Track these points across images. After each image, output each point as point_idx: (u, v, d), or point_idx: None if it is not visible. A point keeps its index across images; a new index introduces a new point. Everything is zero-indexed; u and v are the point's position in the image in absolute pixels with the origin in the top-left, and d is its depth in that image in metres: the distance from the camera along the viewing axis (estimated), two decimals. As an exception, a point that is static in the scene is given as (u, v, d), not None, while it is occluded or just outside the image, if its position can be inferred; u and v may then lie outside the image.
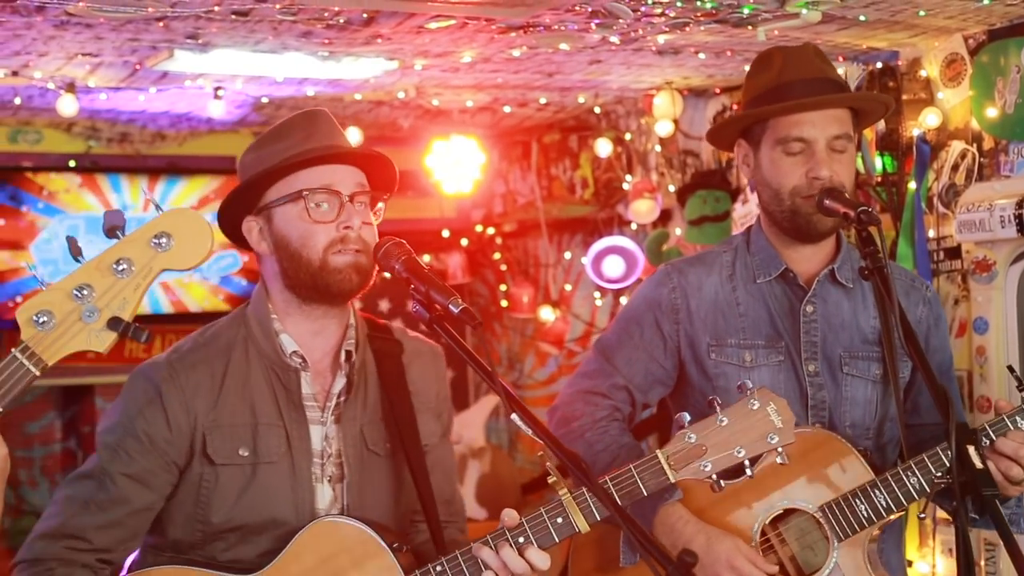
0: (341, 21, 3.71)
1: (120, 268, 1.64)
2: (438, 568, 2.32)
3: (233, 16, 3.57)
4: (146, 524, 2.44)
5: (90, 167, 6.03)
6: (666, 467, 2.31)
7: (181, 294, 6.37)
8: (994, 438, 2.61)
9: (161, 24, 3.66)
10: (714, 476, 2.31)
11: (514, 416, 2.25)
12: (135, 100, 5.06)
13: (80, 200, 6.05)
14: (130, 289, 1.65)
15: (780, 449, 2.33)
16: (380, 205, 2.48)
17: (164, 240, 1.67)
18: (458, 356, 2.31)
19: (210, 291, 6.45)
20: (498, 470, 6.61)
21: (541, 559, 2.29)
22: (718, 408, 2.33)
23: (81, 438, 6.74)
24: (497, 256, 7.00)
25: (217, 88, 4.84)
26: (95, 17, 3.54)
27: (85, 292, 1.63)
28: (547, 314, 6.46)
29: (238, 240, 2.51)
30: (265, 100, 5.20)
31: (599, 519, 2.31)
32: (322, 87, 4.89)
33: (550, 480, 2.29)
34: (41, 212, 5.99)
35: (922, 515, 2.55)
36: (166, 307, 6.27)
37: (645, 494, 2.33)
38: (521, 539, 2.29)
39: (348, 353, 2.48)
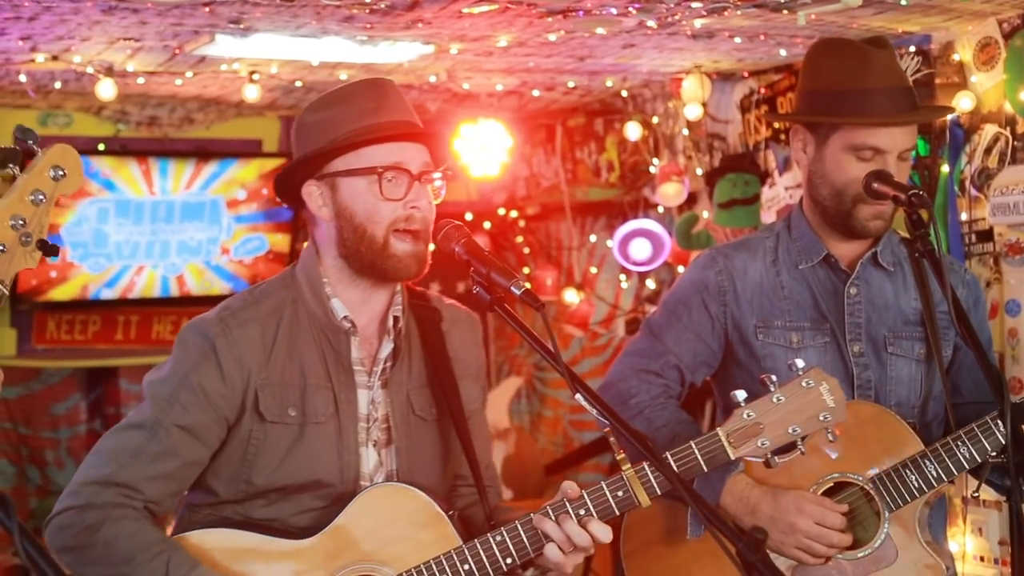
0: (383, 6, 3.74)
1: (36, 199, 1.96)
2: (497, 538, 2.35)
3: (279, 0, 3.60)
4: (192, 478, 2.45)
5: (119, 150, 6.07)
6: (726, 444, 2.35)
7: (207, 274, 6.44)
8: None
9: (207, 9, 3.69)
10: (769, 454, 2.35)
11: (578, 396, 2.29)
12: (170, 84, 5.09)
13: (111, 184, 6.09)
14: (43, 215, 1.98)
15: (830, 428, 2.36)
16: (441, 183, 2.49)
17: (60, 172, 1.98)
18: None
19: (237, 272, 6.51)
20: (522, 451, 6.67)
21: (603, 532, 2.33)
22: (772, 387, 2.35)
23: (106, 419, 6.80)
24: (520, 239, 7.03)
25: (252, 72, 4.86)
26: (143, 2, 3.57)
27: (20, 222, 1.96)
28: (571, 296, 6.50)
29: (288, 199, 2.52)
30: (299, 84, 5.23)
31: (660, 494, 2.35)
32: (355, 71, 4.92)
33: (618, 458, 2.33)
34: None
35: (975, 494, 2.60)
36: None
37: (705, 470, 2.37)
38: (582, 511, 2.32)
39: (395, 319, 2.50)
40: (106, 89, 4.64)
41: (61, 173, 1.98)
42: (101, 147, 6.03)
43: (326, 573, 2.37)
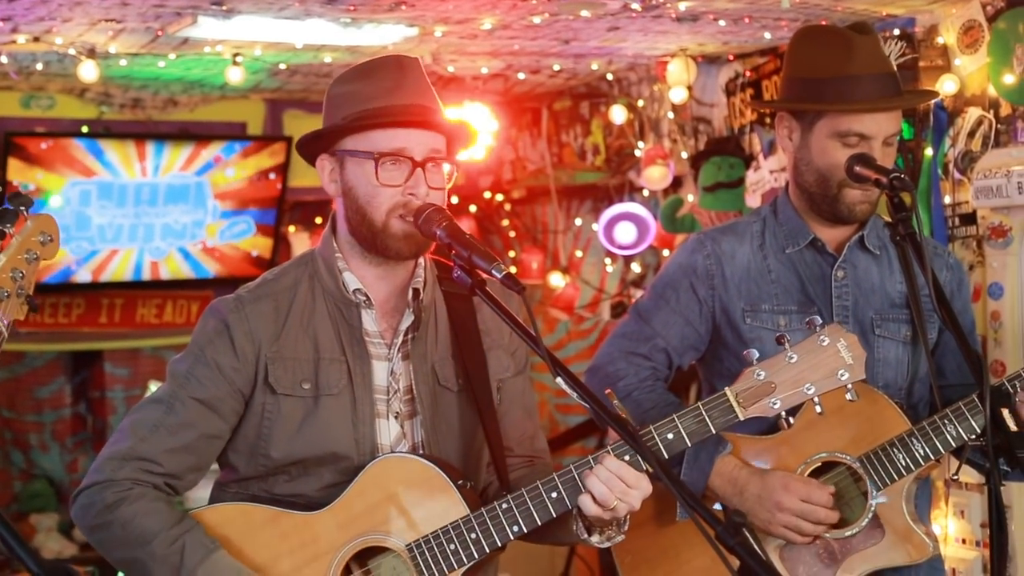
0: (368, -13, 3.73)
1: (30, 257, 2.18)
2: (504, 506, 2.36)
3: (262, -18, 3.59)
4: (214, 453, 2.50)
5: (102, 133, 6.03)
6: (735, 404, 2.32)
7: (198, 258, 6.42)
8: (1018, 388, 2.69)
9: (190, -10, 3.68)
10: (783, 414, 2.31)
11: (559, 380, 2.29)
12: (153, 67, 5.06)
13: (93, 166, 6.04)
14: (32, 273, 2.19)
15: (850, 386, 2.30)
16: (451, 169, 2.49)
17: (47, 238, 2.21)
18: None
19: (224, 254, 6.49)
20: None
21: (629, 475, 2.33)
22: (787, 345, 2.31)
23: (91, 403, 6.79)
24: (505, 223, 7.03)
25: (236, 55, 4.84)
26: (126, -17, 3.56)
27: (19, 275, 2.17)
28: (556, 280, 6.50)
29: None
30: (282, 67, 5.21)
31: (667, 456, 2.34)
32: (340, 54, 4.90)
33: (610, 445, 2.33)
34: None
35: (955, 477, 2.61)
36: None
37: (713, 431, 2.35)
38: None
39: (416, 291, 2.51)
40: (88, 71, 4.61)
41: (48, 239, 2.21)
42: (84, 129, 6.00)
43: (338, 543, 2.40)
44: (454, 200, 6.84)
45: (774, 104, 3.30)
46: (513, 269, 6.77)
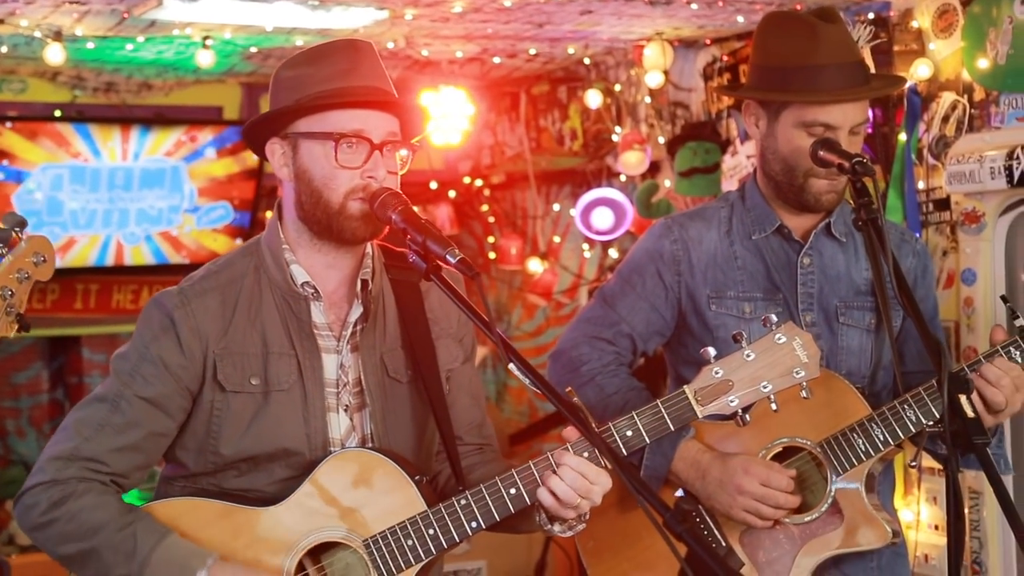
0: (333, -31, 3.69)
1: (21, 277, 2.22)
2: (462, 502, 2.35)
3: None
4: (160, 451, 2.45)
5: (76, 117, 5.97)
6: (693, 402, 2.34)
7: (174, 243, 6.36)
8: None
9: (152, -29, 3.63)
10: (740, 411, 2.32)
11: (511, 366, 2.27)
12: (122, 50, 5.01)
13: (65, 150, 5.97)
14: (23, 292, 2.25)
15: (805, 384, 2.33)
16: (407, 153, 2.46)
17: (41, 258, 2.25)
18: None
19: (201, 240, 6.43)
20: (486, 421, 6.64)
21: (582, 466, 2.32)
22: (744, 342, 2.33)
23: (68, 388, 6.76)
24: (485, 208, 6.99)
25: (205, 38, 4.79)
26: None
27: (8, 292, 2.22)
28: (535, 266, 6.47)
29: (258, 152, 2.50)
30: (253, 50, 5.16)
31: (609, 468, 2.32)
32: (311, 37, 4.86)
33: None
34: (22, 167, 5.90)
35: (912, 463, 2.60)
36: (171, 256, 6.28)
37: (672, 429, 2.35)
38: (547, 472, 2.33)
39: (364, 282, 2.47)
40: (55, 54, 4.56)
41: (42, 259, 2.26)
42: (57, 113, 5.94)
43: (293, 539, 2.37)
44: (433, 185, 6.80)
45: (740, 93, 3.28)
46: (492, 255, 6.80)
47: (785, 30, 2.86)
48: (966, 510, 4.01)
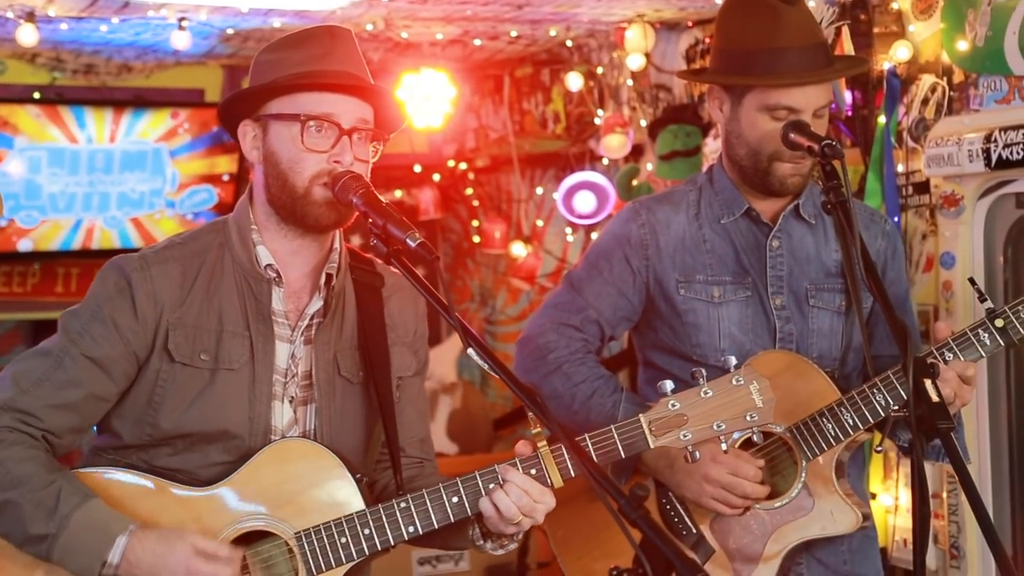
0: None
1: None
2: (402, 505, 2.32)
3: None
4: (97, 416, 2.39)
5: (55, 99, 5.93)
6: (647, 432, 2.33)
7: (151, 228, 6.30)
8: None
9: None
10: (689, 447, 2.33)
11: (470, 351, 2.25)
12: (98, 31, 4.96)
13: (43, 132, 5.92)
14: None
15: (756, 429, 2.35)
16: (378, 144, 2.43)
17: None
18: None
19: (181, 225, 6.39)
20: (470, 406, 6.63)
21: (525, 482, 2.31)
22: (702, 380, 2.33)
23: (52, 373, 6.72)
24: (469, 192, 6.96)
25: (181, 19, 4.75)
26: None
27: None
28: (519, 250, 6.45)
29: (233, 134, 2.48)
30: (231, 31, 5.12)
31: (573, 475, 2.32)
32: (288, 18, 4.82)
33: (533, 432, 2.30)
34: (1, 144, 5.86)
35: (879, 448, 2.59)
36: (136, 241, 6.20)
37: (623, 456, 2.35)
38: (491, 485, 2.31)
39: (328, 276, 2.45)
40: (27, 35, 4.52)
41: None
42: (36, 95, 5.90)
43: (222, 524, 2.33)
44: (417, 169, 6.77)
45: (701, 78, 3.26)
46: (477, 239, 6.77)
47: (747, 13, 2.83)
48: (944, 494, 3.99)
